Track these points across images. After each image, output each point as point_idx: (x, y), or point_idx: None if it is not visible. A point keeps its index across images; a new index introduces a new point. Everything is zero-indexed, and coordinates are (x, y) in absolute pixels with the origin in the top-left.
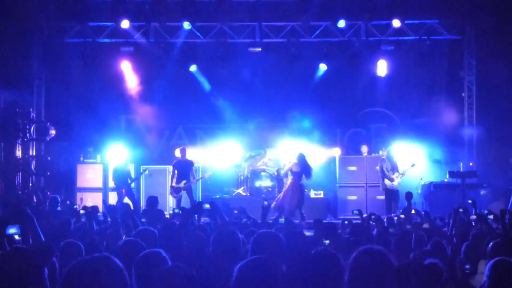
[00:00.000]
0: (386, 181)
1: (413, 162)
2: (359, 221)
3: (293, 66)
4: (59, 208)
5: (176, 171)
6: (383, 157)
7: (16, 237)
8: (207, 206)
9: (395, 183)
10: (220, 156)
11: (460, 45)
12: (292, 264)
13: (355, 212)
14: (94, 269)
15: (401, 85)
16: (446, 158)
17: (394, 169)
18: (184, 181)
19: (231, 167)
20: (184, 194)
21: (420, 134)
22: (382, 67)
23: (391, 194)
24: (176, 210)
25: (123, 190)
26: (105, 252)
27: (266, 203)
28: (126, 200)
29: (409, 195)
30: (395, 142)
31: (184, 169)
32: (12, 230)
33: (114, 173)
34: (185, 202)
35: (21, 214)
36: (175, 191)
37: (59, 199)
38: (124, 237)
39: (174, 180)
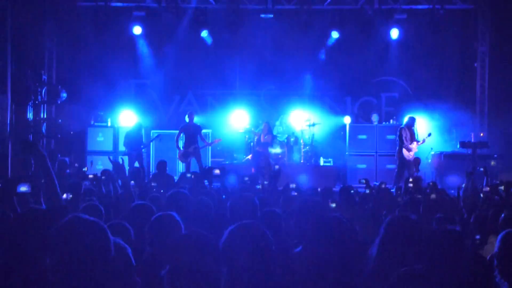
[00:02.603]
0: (404, 151)
1: (430, 132)
2: (365, 191)
3: (304, 34)
4: (68, 171)
5: (182, 134)
6: (403, 125)
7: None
8: (217, 171)
9: (412, 153)
10: (230, 123)
11: (474, 14)
12: (307, 230)
13: (362, 181)
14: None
15: (413, 54)
16: (457, 128)
17: (413, 138)
18: (193, 146)
19: (241, 133)
20: (193, 160)
21: (431, 104)
22: (394, 36)
23: (405, 163)
24: (188, 175)
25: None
26: (118, 215)
27: (277, 167)
28: (136, 165)
29: (416, 160)
30: (406, 111)
31: (192, 133)
32: (23, 188)
33: (125, 138)
34: (194, 167)
35: (34, 151)
36: (184, 156)
37: (67, 161)
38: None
39: (181, 144)
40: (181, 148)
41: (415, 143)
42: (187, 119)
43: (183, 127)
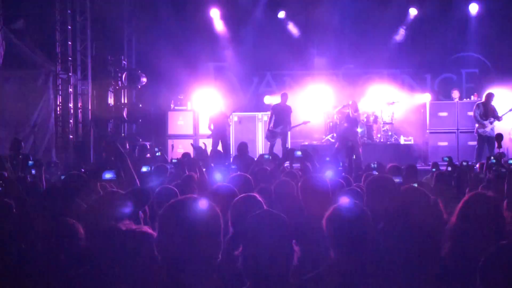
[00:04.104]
0: (478, 127)
1: (511, 107)
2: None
3: (382, 11)
4: (148, 155)
5: (273, 116)
6: (478, 102)
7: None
8: (299, 153)
9: (488, 129)
10: (309, 103)
11: None
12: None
13: (445, 159)
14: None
15: (493, 29)
16: None
17: (488, 114)
18: (281, 126)
19: (320, 114)
20: (278, 140)
21: None
22: (473, 11)
23: (484, 140)
24: (266, 156)
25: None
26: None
27: (350, 144)
28: (220, 148)
29: (499, 136)
30: (487, 87)
31: (282, 114)
32: (108, 175)
33: (210, 122)
34: (277, 150)
35: (116, 152)
36: (272, 135)
37: (148, 146)
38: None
39: (272, 125)
40: (270, 128)
41: (491, 119)
42: (279, 100)
43: (274, 107)
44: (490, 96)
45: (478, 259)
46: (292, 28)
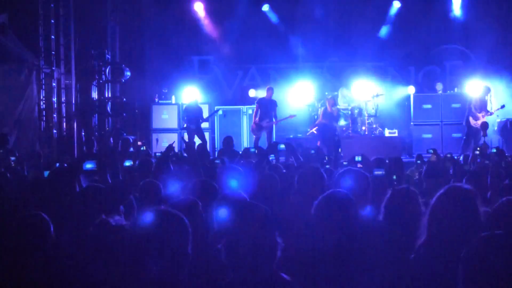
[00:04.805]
0: (471, 119)
1: (503, 103)
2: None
3: (366, 4)
4: (131, 149)
5: (259, 109)
6: (474, 94)
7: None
8: (282, 146)
9: (479, 122)
10: (293, 96)
11: None
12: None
13: (430, 151)
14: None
15: (476, 20)
16: None
17: (483, 107)
18: (266, 120)
19: (305, 107)
20: (264, 134)
21: (496, 70)
22: (457, 3)
23: (472, 132)
24: (252, 149)
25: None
26: (182, 192)
27: (336, 138)
28: (197, 140)
29: (484, 125)
30: (470, 79)
31: (268, 108)
32: (89, 166)
33: (184, 112)
34: (262, 143)
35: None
36: (258, 128)
37: (131, 140)
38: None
39: (257, 118)
40: (255, 122)
41: (483, 112)
42: (264, 94)
43: (259, 101)
44: (485, 90)
45: (452, 250)
46: (276, 20)
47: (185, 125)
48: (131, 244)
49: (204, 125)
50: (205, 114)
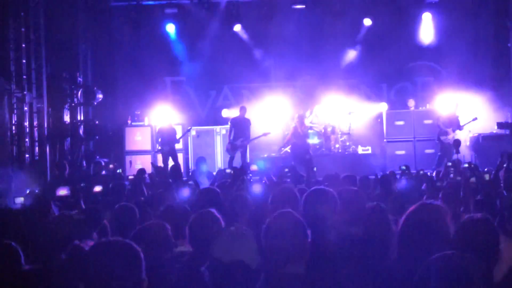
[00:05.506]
0: (441, 134)
1: (475, 116)
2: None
3: (337, 22)
4: (104, 172)
5: (233, 129)
6: (441, 111)
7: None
8: (254, 167)
9: (450, 137)
10: (267, 115)
11: None
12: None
13: (403, 167)
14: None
15: (446, 37)
16: (493, 109)
17: (452, 123)
18: (241, 139)
19: (278, 125)
20: (238, 154)
21: (466, 86)
22: (427, 20)
23: (444, 147)
24: (228, 170)
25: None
26: (154, 215)
27: (308, 157)
28: (171, 161)
29: (456, 142)
30: (442, 95)
31: (242, 127)
32: (62, 192)
33: (158, 135)
34: (236, 163)
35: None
36: (232, 148)
37: (103, 163)
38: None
39: (230, 137)
40: (230, 141)
41: (450, 129)
42: (238, 113)
43: (233, 121)
44: (454, 105)
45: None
46: (248, 40)
47: (158, 147)
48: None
49: (178, 145)
50: (179, 135)
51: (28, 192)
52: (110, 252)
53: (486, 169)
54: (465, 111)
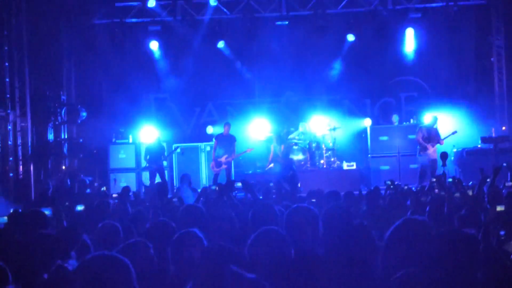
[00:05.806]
0: (420, 150)
1: (455, 130)
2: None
3: (321, 39)
4: (88, 190)
5: (217, 145)
6: (421, 125)
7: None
8: (239, 184)
9: (430, 151)
10: (251, 132)
11: (487, 9)
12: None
13: (388, 182)
14: (101, 268)
15: (429, 52)
16: (477, 124)
17: (432, 138)
18: (225, 156)
19: (262, 142)
20: (223, 170)
21: (450, 101)
22: (410, 35)
23: (426, 162)
24: (213, 187)
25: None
26: (138, 233)
27: (291, 172)
28: (158, 179)
29: (444, 155)
30: (426, 110)
31: (226, 143)
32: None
33: (146, 152)
34: (221, 179)
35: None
36: (217, 165)
37: (87, 181)
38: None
39: (214, 153)
40: (214, 158)
41: (431, 143)
42: (222, 130)
43: (217, 137)
44: (433, 120)
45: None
46: (232, 57)
47: (146, 165)
48: None
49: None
50: (167, 153)
51: (11, 211)
52: (100, 267)
53: (470, 183)
54: (447, 125)
